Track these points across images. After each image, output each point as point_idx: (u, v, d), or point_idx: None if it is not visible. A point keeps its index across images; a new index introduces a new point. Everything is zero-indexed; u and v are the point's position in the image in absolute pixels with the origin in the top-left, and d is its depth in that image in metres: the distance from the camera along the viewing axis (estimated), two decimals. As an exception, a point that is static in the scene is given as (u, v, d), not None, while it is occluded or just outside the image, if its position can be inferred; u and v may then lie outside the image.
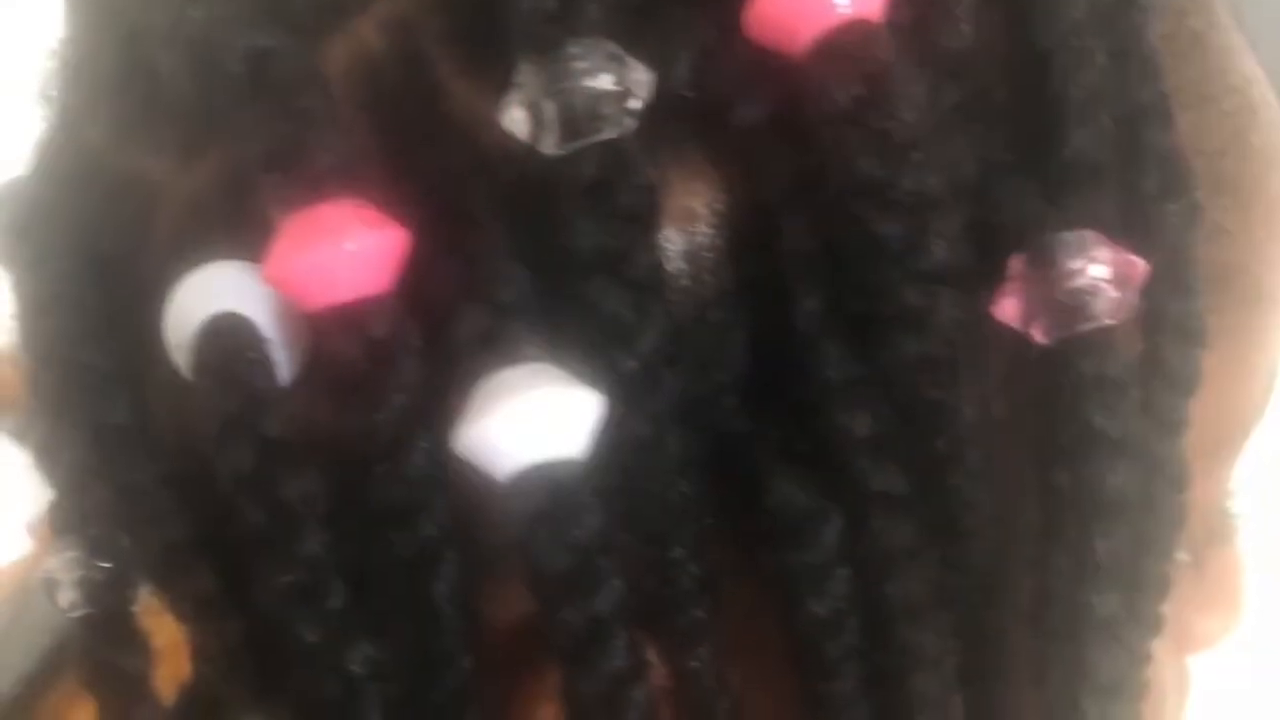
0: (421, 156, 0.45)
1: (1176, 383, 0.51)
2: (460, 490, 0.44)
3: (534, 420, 0.43)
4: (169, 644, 0.55)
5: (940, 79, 0.46)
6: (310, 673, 0.46)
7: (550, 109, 0.42)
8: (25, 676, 1.19)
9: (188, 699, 0.58)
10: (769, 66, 0.44)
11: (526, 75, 0.43)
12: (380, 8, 0.47)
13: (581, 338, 0.44)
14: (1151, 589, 0.52)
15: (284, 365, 0.45)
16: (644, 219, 0.44)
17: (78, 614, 0.55)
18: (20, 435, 0.55)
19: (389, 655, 0.46)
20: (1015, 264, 0.46)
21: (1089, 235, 0.46)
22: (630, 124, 0.43)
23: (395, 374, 0.44)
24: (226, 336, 0.45)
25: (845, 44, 0.44)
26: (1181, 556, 0.55)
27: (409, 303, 0.44)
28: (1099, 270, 0.46)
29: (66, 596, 0.54)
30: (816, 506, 0.46)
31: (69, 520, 0.54)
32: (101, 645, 0.56)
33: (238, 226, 0.45)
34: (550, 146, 0.43)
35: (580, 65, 0.42)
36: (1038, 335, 0.46)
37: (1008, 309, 0.46)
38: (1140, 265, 0.46)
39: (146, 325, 0.47)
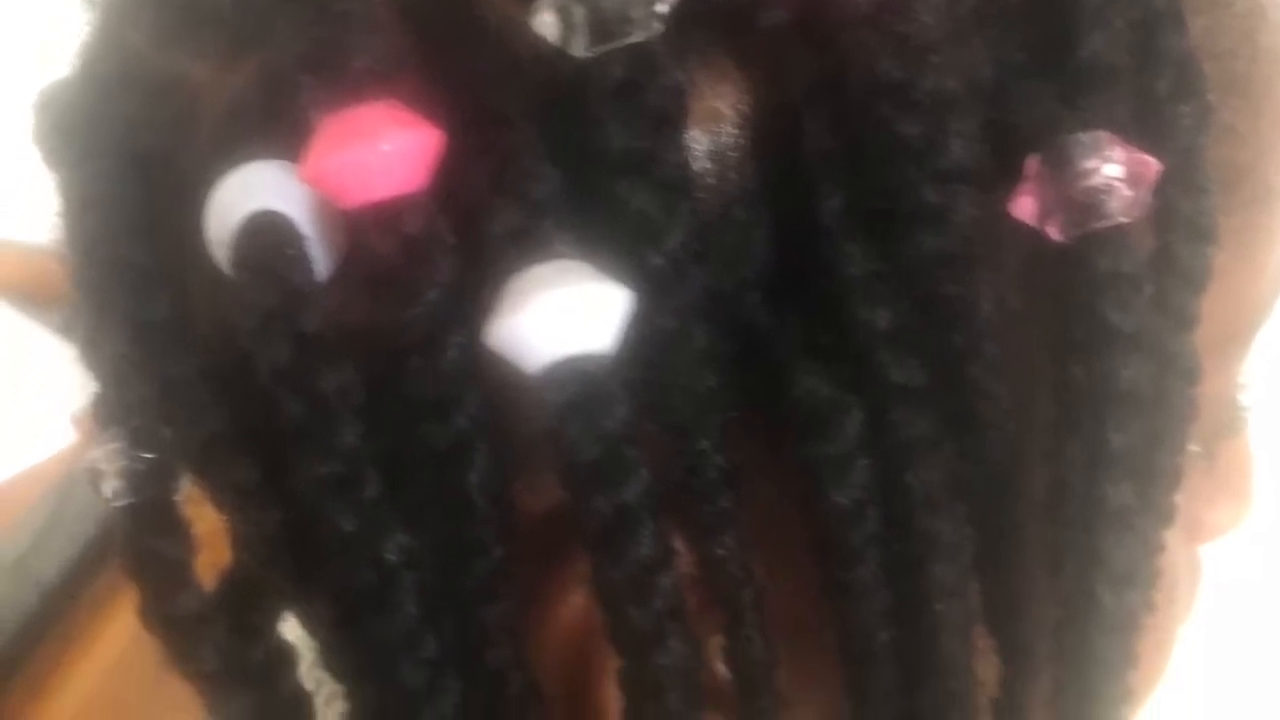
0: (455, 59, 0.46)
1: (1188, 279, 0.51)
2: (492, 383, 0.45)
3: (564, 315, 0.43)
4: (209, 532, 0.55)
5: (959, -18, 0.46)
6: (346, 561, 0.46)
7: (579, 13, 0.43)
8: (70, 563, 1.20)
9: (227, 586, 0.59)
10: (792, -29, 0.44)
11: (556, -21, 0.43)
12: (413, -87, 0.47)
13: (610, 235, 0.45)
14: (1164, 480, 0.53)
15: (321, 262, 0.46)
16: (671, 120, 0.44)
17: (121, 503, 0.55)
18: (65, 329, 0.56)
19: (423, 544, 0.47)
20: (1031, 164, 0.46)
21: (1103, 136, 0.46)
22: (658, 27, 0.43)
23: (429, 270, 0.44)
24: (265, 233, 0.46)
25: (866, -52, 0.44)
26: (1193, 448, 0.56)
27: (443, 201, 0.44)
28: (1113, 170, 0.46)
29: (110, 486, 0.55)
30: (838, 398, 0.47)
31: (112, 412, 0.55)
32: (144, 533, 0.56)
33: (277, 127, 0.46)
34: (580, 49, 0.43)
35: (608, -31, 0.43)
36: (1053, 233, 0.47)
37: (1024, 207, 0.46)
38: (1153, 165, 0.47)
39: (187, 223, 0.48)
